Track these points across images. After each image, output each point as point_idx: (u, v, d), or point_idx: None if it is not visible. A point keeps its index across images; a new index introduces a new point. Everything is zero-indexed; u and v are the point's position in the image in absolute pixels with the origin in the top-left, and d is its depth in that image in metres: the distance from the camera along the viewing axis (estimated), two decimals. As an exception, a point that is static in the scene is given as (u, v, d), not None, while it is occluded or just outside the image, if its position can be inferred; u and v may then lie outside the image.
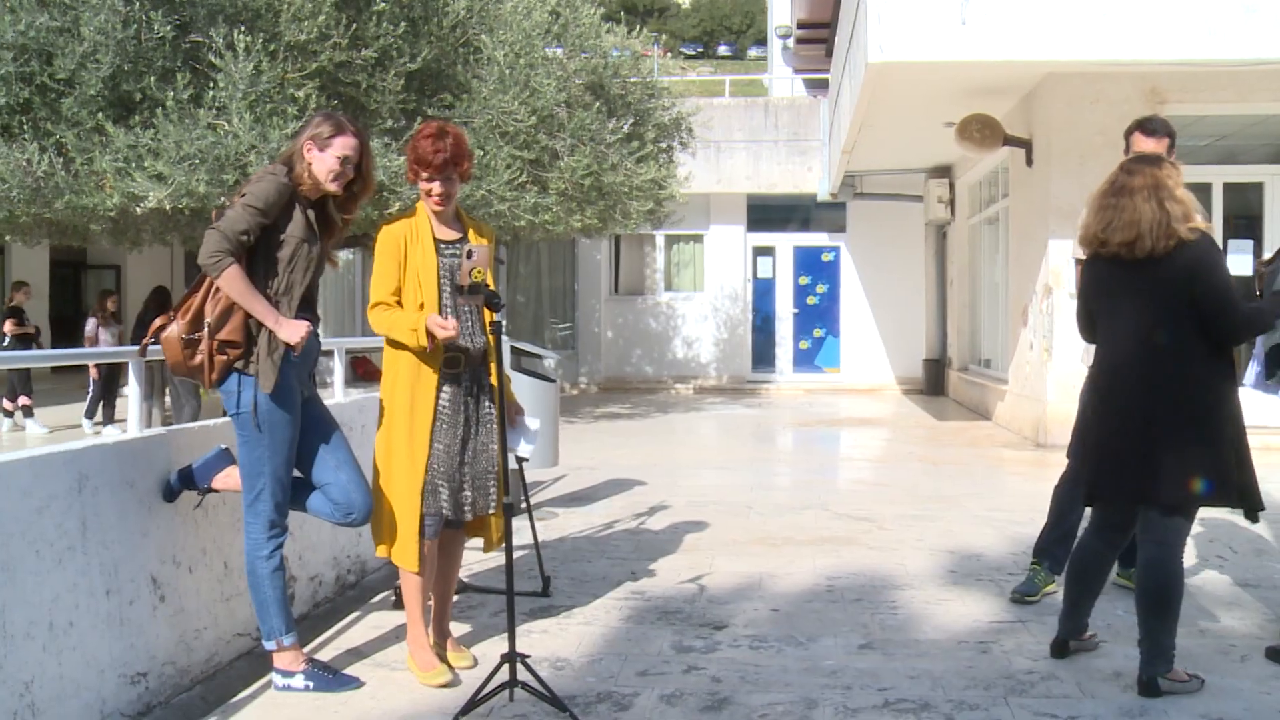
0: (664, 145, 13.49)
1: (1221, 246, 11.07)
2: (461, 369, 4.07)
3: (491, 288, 3.83)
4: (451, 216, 4.16)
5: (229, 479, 3.93)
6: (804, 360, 19.71)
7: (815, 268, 19.60)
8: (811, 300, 19.61)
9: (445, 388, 4.05)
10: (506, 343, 6.95)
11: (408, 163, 4.07)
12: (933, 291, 18.29)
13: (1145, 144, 4.83)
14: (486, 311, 3.99)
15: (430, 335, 3.87)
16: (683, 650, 4.39)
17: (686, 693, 3.91)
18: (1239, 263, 10.10)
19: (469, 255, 3.75)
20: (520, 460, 5.33)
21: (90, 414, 12.94)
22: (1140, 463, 3.84)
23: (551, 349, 18.95)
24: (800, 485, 8.94)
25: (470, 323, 4.09)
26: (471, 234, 4.17)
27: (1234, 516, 6.77)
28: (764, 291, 19.70)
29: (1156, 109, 9.61)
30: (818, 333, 19.65)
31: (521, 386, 6.08)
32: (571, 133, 11.31)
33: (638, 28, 13.82)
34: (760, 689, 3.95)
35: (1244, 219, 10.93)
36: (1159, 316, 3.83)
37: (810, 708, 3.76)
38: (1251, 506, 3.88)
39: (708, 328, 19.54)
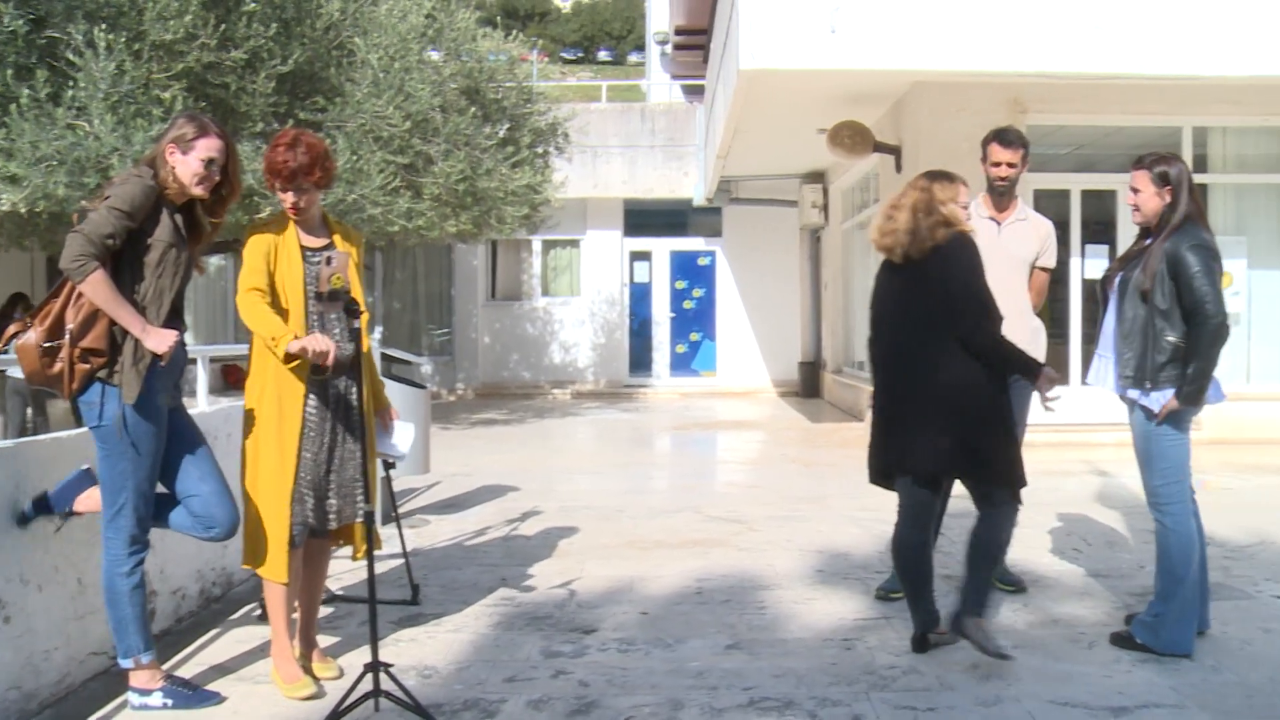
0: (540, 150, 13.47)
1: (1080, 250, 11.44)
2: (327, 376, 4.02)
3: (352, 294, 3.80)
4: (317, 223, 4.11)
5: (91, 500, 3.79)
6: (681, 364, 19.86)
7: (692, 272, 19.78)
8: (688, 304, 19.79)
9: (312, 395, 4.00)
10: (377, 349, 6.89)
11: (264, 172, 4.01)
12: (807, 295, 18.57)
13: (1001, 154, 5.25)
14: (355, 318, 3.94)
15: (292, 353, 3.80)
16: (551, 655, 4.40)
17: (554, 697, 3.92)
18: (1094, 266, 10.51)
19: (328, 262, 3.72)
20: (389, 466, 5.29)
21: None
22: (912, 441, 4.26)
23: (428, 355, 18.77)
24: (673, 489, 9.01)
25: (337, 330, 4.04)
26: (337, 239, 4.12)
27: (1087, 511, 7.05)
28: (641, 296, 19.80)
29: (1019, 118, 9.94)
30: (694, 336, 19.83)
31: (392, 393, 6.01)
32: (446, 137, 11.23)
33: (515, 32, 13.78)
34: (627, 692, 3.98)
35: (1100, 224, 11.36)
36: (920, 314, 4.25)
37: (676, 709, 3.80)
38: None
39: (585, 332, 19.55)
